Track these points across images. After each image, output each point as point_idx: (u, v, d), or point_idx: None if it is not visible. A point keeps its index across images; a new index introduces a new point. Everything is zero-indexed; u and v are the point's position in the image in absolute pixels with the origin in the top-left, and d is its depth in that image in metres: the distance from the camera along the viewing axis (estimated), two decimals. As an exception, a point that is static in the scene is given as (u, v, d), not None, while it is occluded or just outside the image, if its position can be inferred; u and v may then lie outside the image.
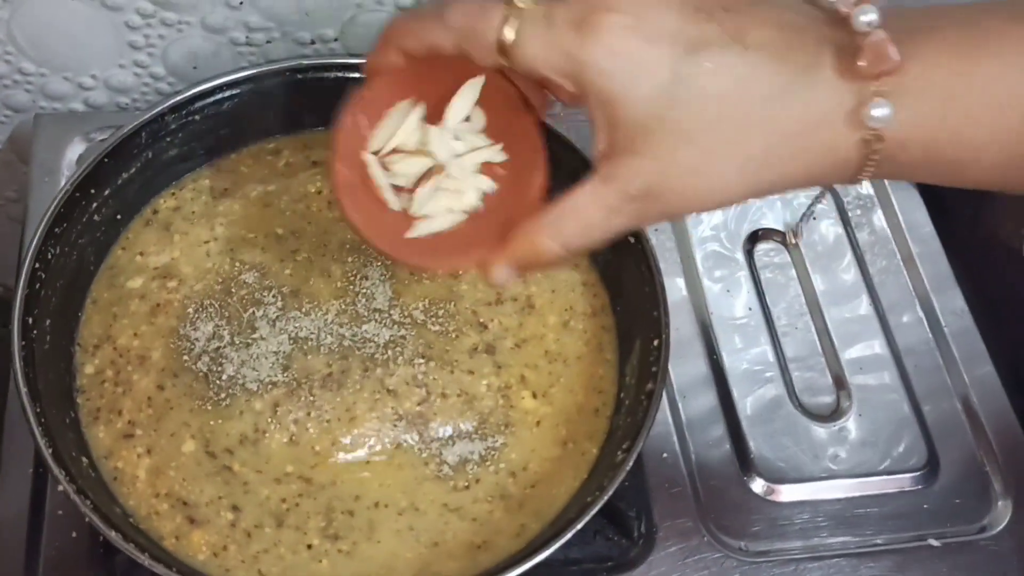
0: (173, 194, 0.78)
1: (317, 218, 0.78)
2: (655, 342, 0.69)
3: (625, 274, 0.74)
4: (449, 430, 0.69)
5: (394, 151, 0.59)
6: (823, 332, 0.85)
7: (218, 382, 0.70)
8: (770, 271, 0.88)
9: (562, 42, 0.47)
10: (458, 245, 0.58)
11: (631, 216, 0.50)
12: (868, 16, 0.44)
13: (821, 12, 0.47)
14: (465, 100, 0.57)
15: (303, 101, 0.79)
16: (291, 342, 0.71)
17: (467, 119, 0.58)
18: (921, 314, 0.87)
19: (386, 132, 0.58)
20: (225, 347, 0.71)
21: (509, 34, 0.48)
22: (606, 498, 0.62)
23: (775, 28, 0.46)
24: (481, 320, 0.74)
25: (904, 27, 0.45)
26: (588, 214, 0.50)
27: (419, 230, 0.58)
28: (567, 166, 0.62)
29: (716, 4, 0.47)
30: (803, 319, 0.85)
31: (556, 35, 0.47)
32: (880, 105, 0.44)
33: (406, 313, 0.74)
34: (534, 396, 0.72)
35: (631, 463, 0.63)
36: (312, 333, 0.72)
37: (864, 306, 0.87)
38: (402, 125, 0.58)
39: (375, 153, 0.59)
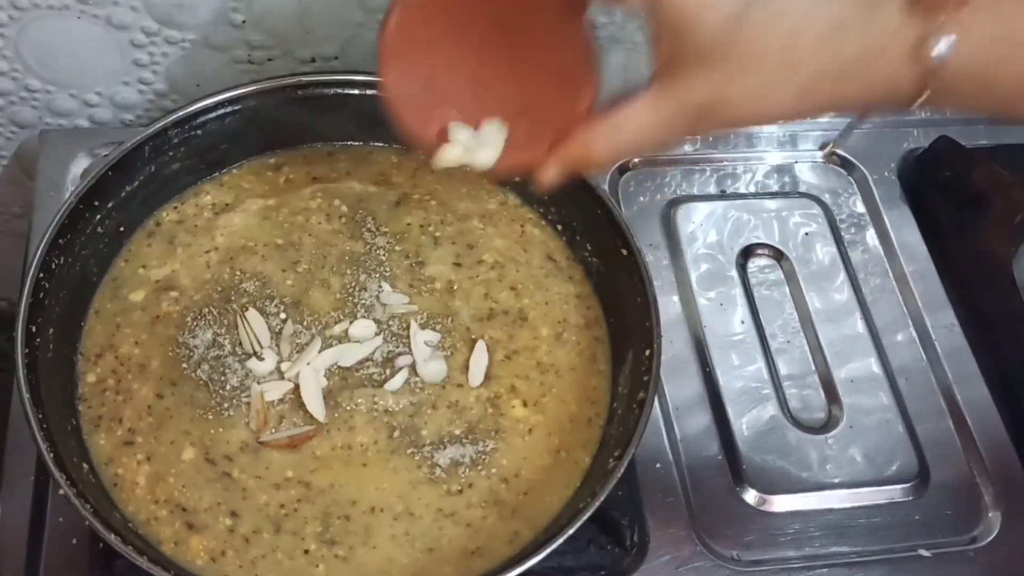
0: (175, 207, 0.80)
1: (316, 231, 0.79)
2: (647, 352, 0.70)
3: (618, 286, 0.75)
4: (439, 435, 0.71)
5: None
6: (816, 349, 0.86)
7: (222, 392, 0.71)
8: (765, 288, 0.89)
9: None
10: (508, 149, 0.61)
11: (684, 129, 0.53)
12: None
13: None
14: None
15: (303, 117, 0.81)
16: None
17: None
18: (914, 332, 0.88)
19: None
20: (227, 357, 0.72)
21: None
22: (597, 504, 0.63)
23: None
24: (473, 336, 0.75)
25: None
26: (644, 124, 0.53)
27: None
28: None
29: None
30: (797, 336, 0.86)
31: None
32: (943, 40, 0.46)
33: (404, 326, 0.75)
34: (524, 405, 0.73)
35: (622, 470, 0.64)
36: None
37: (857, 324, 0.88)
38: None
39: None
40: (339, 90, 0.80)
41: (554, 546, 0.62)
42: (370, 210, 0.81)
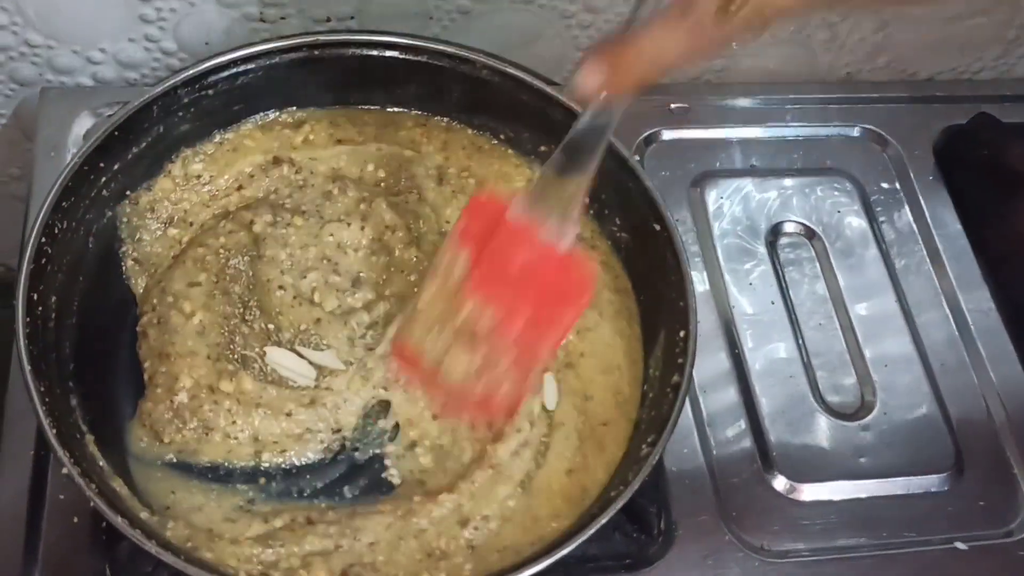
0: (184, 170, 0.76)
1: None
2: (681, 333, 0.67)
3: (649, 263, 0.72)
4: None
5: None
6: (847, 328, 0.83)
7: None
8: (793, 266, 0.86)
9: None
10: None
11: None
12: None
13: None
14: None
15: (321, 79, 0.77)
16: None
17: None
18: (948, 312, 0.85)
19: None
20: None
21: None
22: (631, 493, 0.60)
23: None
24: None
25: None
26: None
27: None
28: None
29: None
30: (827, 315, 0.83)
31: None
32: None
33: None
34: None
35: (657, 457, 0.62)
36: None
37: (889, 303, 0.85)
38: None
39: None
40: (357, 51, 0.76)
41: (583, 539, 0.59)
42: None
